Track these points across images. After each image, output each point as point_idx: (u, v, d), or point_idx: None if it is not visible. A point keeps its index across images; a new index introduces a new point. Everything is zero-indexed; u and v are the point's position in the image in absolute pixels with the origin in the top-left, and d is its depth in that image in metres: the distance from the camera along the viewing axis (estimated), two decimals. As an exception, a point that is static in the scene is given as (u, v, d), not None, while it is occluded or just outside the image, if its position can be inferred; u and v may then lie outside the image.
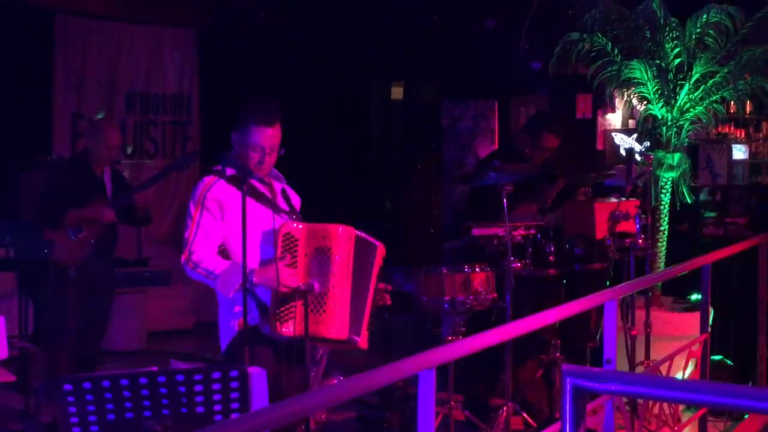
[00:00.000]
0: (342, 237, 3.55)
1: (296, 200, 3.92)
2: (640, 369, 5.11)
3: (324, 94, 9.56)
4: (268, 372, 2.94)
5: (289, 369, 3.55)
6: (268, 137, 3.64)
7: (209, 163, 3.78)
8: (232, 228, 3.57)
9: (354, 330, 3.56)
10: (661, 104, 5.85)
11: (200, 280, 3.62)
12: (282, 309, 3.47)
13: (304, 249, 3.52)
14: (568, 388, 1.79)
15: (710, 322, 4.81)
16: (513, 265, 4.77)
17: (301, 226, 3.56)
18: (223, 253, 3.65)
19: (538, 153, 5.44)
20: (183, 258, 3.60)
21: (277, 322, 3.46)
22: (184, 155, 8.33)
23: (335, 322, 3.51)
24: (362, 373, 2.13)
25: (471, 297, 4.72)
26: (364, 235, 3.65)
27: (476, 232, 4.98)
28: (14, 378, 4.94)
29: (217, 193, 3.60)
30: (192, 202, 3.63)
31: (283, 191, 3.86)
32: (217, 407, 2.70)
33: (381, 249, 3.71)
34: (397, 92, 10.44)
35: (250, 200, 3.58)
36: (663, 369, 4.38)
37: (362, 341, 3.61)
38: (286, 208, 3.76)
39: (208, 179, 3.63)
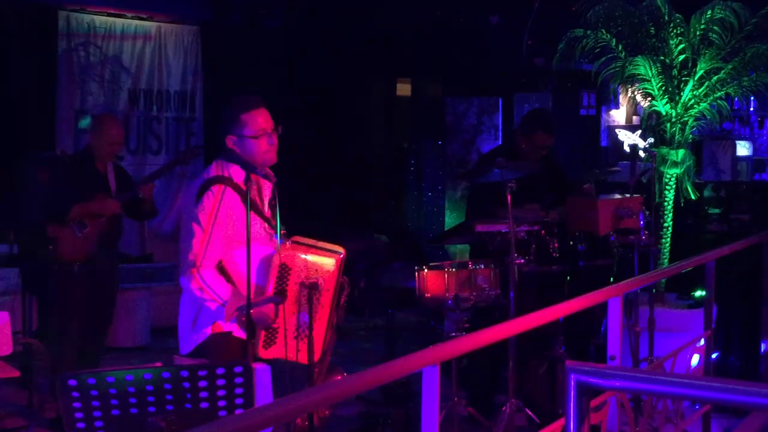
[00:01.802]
0: (334, 267, 3.52)
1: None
2: (643, 365, 5.11)
3: (328, 91, 9.56)
4: None
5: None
6: (263, 119, 3.55)
7: (213, 159, 3.70)
8: (232, 242, 3.50)
9: (324, 350, 3.58)
10: (665, 100, 5.84)
11: (196, 294, 3.52)
12: (266, 333, 3.47)
13: (295, 278, 3.48)
14: (571, 384, 1.79)
15: (714, 319, 4.80)
16: (517, 261, 4.77)
17: (295, 256, 3.48)
18: (221, 269, 3.56)
19: (533, 151, 5.43)
20: (187, 270, 3.49)
21: (261, 346, 3.46)
22: (188, 150, 8.34)
23: (314, 349, 3.50)
24: (366, 370, 2.13)
25: (474, 293, 4.72)
26: (340, 249, 3.60)
27: (480, 228, 4.98)
28: (18, 374, 4.95)
29: (227, 205, 3.48)
30: (201, 212, 3.47)
31: (272, 204, 3.72)
32: (222, 403, 2.70)
33: (344, 255, 3.63)
34: (402, 89, 10.43)
35: (245, 212, 3.46)
36: (667, 365, 4.38)
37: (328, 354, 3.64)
38: (268, 215, 3.64)
39: (217, 189, 3.49)
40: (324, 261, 3.53)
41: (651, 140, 6.18)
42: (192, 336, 3.59)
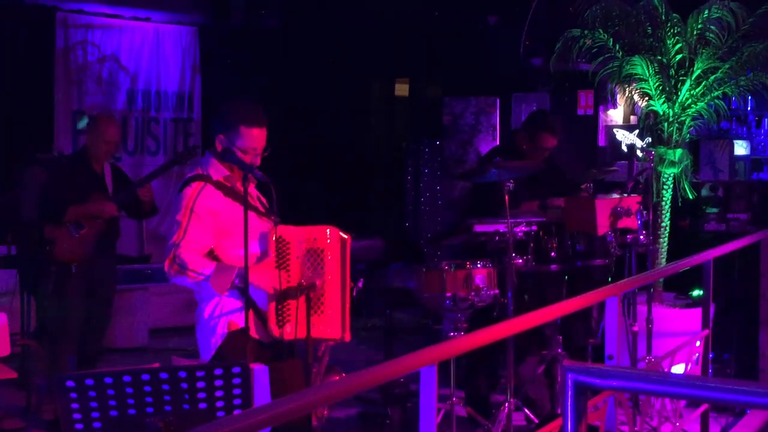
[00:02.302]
0: (332, 238, 3.58)
1: (269, 203, 3.81)
2: (641, 365, 5.11)
3: (326, 91, 9.56)
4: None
5: (282, 368, 3.54)
6: (258, 138, 3.59)
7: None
8: (222, 234, 3.53)
9: (344, 327, 3.60)
10: (662, 100, 5.84)
11: (186, 285, 3.54)
12: (279, 312, 3.47)
13: (296, 252, 3.53)
14: (569, 384, 1.80)
15: (712, 318, 4.81)
16: (515, 261, 4.77)
17: (291, 229, 3.56)
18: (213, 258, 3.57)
19: (536, 152, 5.44)
20: (166, 264, 3.50)
21: (275, 325, 3.46)
22: (185, 150, 8.33)
23: (331, 322, 3.54)
24: (364, 370, 2.13)
25: (472, 293, 4.72)
26: (344, 234, 3.67)
27: (478, 228, 4.98)
28: (16, 375, 4.95)
29: (206, 199, 3.52)
30: (179, 208, 3.53)
31: (258, 198, 3.79)
32: (220, 403, 2.70)
33: (349, 240, 3.70)
34: (400, 89, 10.43)
35: (236, 204, 3.52)
36: (664, 365, 4.39)
37: (347, 335, 3.64)
38: (262, 209, 3.71)
39: (196, 185, 3.54)
40: (320, 229, 3.58)
41: (648, 140, 6.19)
42: (210, 340, 3.57)
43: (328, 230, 3.58)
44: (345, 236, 3.68)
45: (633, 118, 8.30)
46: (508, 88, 9.04)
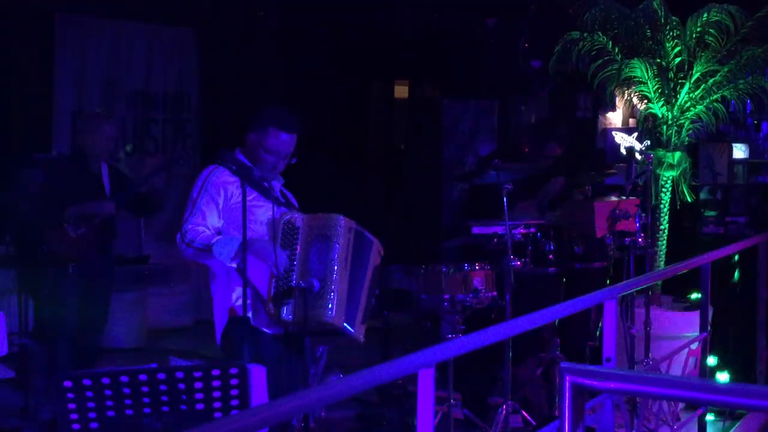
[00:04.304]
0: (343, 227, 3.64)
1: (293, 201, 3.97)
2: (639, 367, 5.11)
3: (325, 93, 9.56)
4: (259, 362, 2.98)
5: (283, 361, 3.57)
6: (285, 143, 3.74)
7: (209, 160, 3.83)
8: (232, 215, 3.61)
9: (348, 320, 3.60)
10: (661, 103, 5.85)
11: (196, 258, 3.65)
12: (280, 293, 3.52)
13: (305, 237, 3.60)
14: (567, 386, 1.80)
15: (710, 321, 4.81)
16: (513, 263, 4.77)
17: (302, 216, 3.65)
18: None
19: (541, 160, 5.44)
20: (178, 237, 3.64)
21: (275, 306, 3.49)
22: (182, 151, 8.35)
23: (332, 308, 3.54)
24: (361, 371, 2.13)
25: (470, 295, 4.72)
26: (362, 229, 3.71)
27: (476, 230, 4.99)
28: (14, 374, 4.96)
29: (220, 179, 3.66)
30: (194, 186, 3.71)
31: (282, 191, 3.91)
32: (217, 404, 2.70)
33: (378, 246, 3.77)
34: (400, 91, 10.44)
35: (251, 191, 3.63)
36: (662, 367, 4.39)
37: (358, 334, 3.63)
38: (282, 200, 3.84)
39: (213, 166, 3.70)
40: (332, 217, 3.67)
41: (647, 143, 6.19)
42: (219, 324, 3.70)
43: (341, 220, 3.61)
44: (371, 238, 3.74)
45: (632, 121, 8.30)
46: (507, 91, 9.04)
